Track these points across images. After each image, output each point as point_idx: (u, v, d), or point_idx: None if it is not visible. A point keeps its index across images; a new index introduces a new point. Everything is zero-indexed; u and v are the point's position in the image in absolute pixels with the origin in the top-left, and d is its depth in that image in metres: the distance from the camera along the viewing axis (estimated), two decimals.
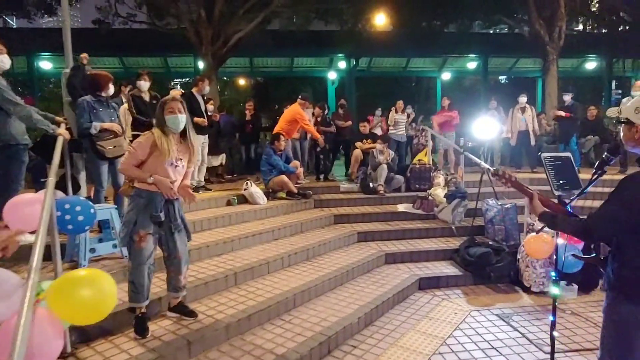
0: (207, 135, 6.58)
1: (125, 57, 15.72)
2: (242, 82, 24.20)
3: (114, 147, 3.94)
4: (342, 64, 15.85)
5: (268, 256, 4.29)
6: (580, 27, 14.51)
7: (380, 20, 14.83)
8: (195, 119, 5.95)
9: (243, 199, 6.00)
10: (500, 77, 26.16)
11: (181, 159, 2.90)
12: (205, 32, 10.81)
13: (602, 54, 16.37)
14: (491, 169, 2.41)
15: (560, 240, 3.96)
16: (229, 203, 5.87)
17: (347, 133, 8.36)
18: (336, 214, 6.04)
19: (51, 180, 2.45)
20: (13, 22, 26.63)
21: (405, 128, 8.85)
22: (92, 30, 13.48)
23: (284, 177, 6.21)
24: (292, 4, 11.98)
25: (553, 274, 2.65)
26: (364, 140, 7.99)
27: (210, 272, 3.77)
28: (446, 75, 18.31)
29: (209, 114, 6.63)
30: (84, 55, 4.51)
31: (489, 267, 4.47)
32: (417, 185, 7.02)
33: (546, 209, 2.15)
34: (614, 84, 19.78)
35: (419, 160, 7.23)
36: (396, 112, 8.79)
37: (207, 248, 4.21)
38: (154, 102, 4.91)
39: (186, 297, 3.23)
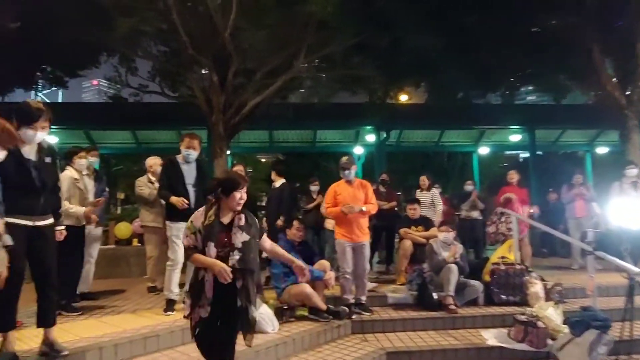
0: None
1: (138, 130, 14.64)
2: (260, 159, 23.02)
3: None
4: (370, 137, 14.25)
5: None
6: None
7: (412, 93, 13.50)
8: (172, 198, 3.91)
9: None
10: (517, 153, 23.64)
11: None
12: (216, 99, 9.45)
13: None
14: None
15: None
16: None
17: (391, 217, 6.25)
18: (390, 350, 3.74)
19: None
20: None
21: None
22: (102, 104, 12.53)
23: (306, 287, 4.03)
24: (317, 70, 10.72)
25: None
26: (413, 227, 5.87)
27: None
28: (484, 150, 16.49)
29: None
30: None
31: None
32: (504, 297, 4.72)
33: None
34: None
35: (502, 257, 4.98)
36: (420, 190, 6.85)
37: None
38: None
39: None
